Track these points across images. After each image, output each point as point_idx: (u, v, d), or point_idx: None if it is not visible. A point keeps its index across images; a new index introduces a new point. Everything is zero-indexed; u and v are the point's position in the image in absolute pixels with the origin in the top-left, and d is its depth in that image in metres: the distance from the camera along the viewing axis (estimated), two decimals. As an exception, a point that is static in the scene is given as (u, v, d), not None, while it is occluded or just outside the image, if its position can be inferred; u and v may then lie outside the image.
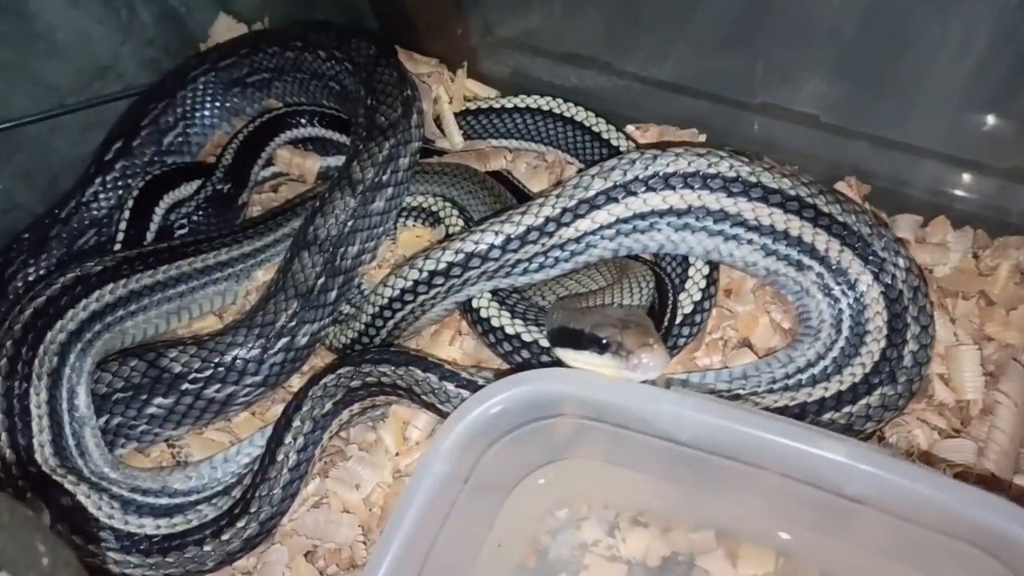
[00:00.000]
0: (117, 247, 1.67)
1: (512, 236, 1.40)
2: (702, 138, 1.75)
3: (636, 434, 1.16)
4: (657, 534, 1.33)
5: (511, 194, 1.71)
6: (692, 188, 1.40)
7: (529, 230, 1.40)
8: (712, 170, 1.39)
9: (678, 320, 1.43)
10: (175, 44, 2.16)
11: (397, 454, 1.47)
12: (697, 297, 1.46)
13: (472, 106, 1.88)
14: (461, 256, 1.40)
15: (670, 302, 1.40)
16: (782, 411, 1.31)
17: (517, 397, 1.15)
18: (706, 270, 1.49)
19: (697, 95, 1.73)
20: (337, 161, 1.89)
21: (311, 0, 2.04)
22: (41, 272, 1.79)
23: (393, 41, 1.94)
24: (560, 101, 1.79)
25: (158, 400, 1.47)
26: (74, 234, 1.82)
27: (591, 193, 1.40)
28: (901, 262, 1.38)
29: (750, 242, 1.43)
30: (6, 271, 1.77)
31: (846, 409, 1.30)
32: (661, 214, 1.42)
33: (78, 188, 1.85)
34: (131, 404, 1.46)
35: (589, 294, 1.38)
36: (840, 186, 1.62)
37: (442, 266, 1.41)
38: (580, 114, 1.76)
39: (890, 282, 1.38)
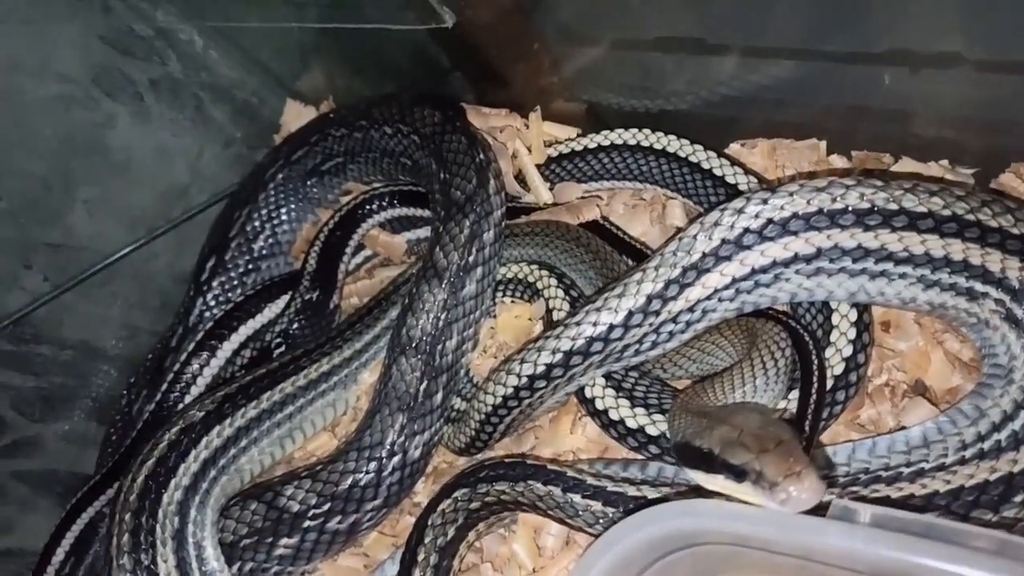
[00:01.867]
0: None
1: (614, 324, 1.22)
2: (823, 145, 1.49)
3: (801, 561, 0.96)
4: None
5: (610, 246, 1.54)
6: (818, 229, 1.17)
7: (631, 313, 1.22)
8: (839, 204, 1.15)
9: (829, 385, 1.20)
10: (253, 137, 2.14)
11: (534, 570, 1.34)
12: (848, 352, 1.22)
13: (554, 152, 1.71)
14: (560, 356, 1.25)
15: (816, 369, 1.17)
16: (983, 489, 1.06)
17: (653, 536, 0.99)
18: (853, 315, 1.25)
19: (808, 90, 1.48)
20: (423, 232, 1.79)
21: (371, 74, 1.94)
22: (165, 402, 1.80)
23: (457, 98, 1.80)
24: (647, 132, 1.59)
25: (284, 541, 1.42)
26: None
27: (695, 257, 1.20)
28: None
29: (903, 276, 1.18)
30: (133, 407, 1.81)
31: (1066, 478, 1.04)
32: (786, 264, 1.20)
33: (183, 315, 1.85)
34: (259, 549, 1.42)
35: (715, 382, 1.18)
36: (1007, 178, 1.32)
37: (540, 369, 1.26)
38: (672, 144, 1.56)
39: (1098, 299, 1.09)
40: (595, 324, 1.23)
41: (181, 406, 1.67)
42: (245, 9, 1.84)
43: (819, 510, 0.95)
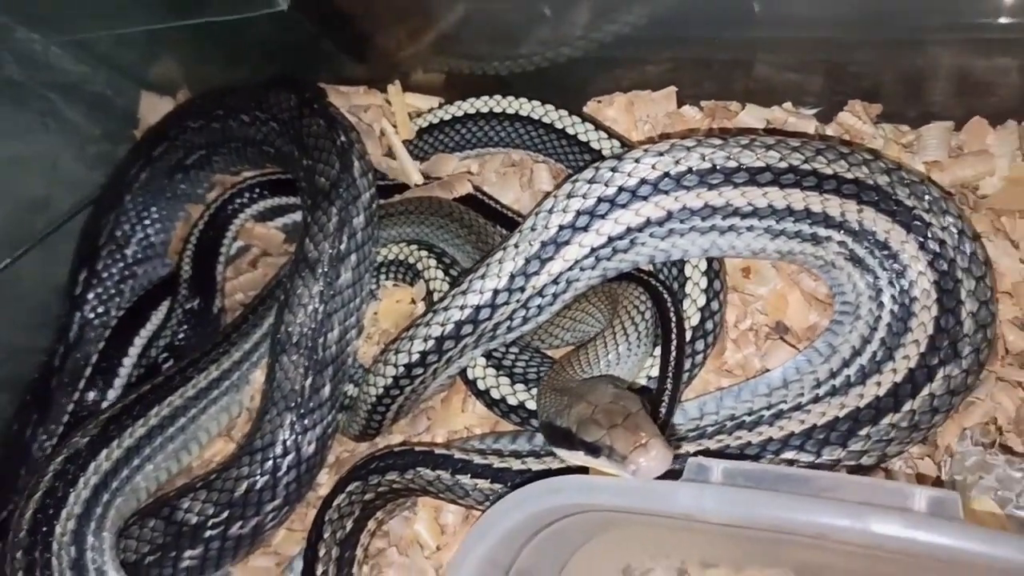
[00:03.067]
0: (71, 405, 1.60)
1: (481, 305, 1.23)
2: (674, 97, 1.50)
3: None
4: (731, 571, 1.21)
5: (484, 218, 1.53)
6: (666, 192, 1.19)
7: (496, 292, 1.23)
8: (681, 167, 1.18)
9: (688, 336, 1.25)
10: (112, 133, 2.03)
11: (437, 548, 1.38)
12: (702, 301, 1.27)
13: (423, 122, 1.68)
14: (432, 342, 1.26)
15: (674, 322, 1.21)
16: (833, 426, 1.13)
17: (525, 516, 1.03)
18: (703, 265, 1.29)
19: (659, 40, 1.48)
20: (299, 216, 1.76)
21: (224, 59, 1.85)
22: (56, 425, 1.75)
23: (314, 79, 1.74)
24: (504, 98, 1.59)
25: (188, 553, 1.42)
26: (75, 377, 1.77)
27: (552, 231, 1.21)
28: (927, 201, 1.15)
29: (750, 229, 1.22)
30: (24, 434, 1.75)
31: (907, 407, 1.11)
32: (640, 228, 1.22)
33: (62, 332, 1.78)
34: (164, 564, 1.42)
35: (579, 354, 1.21)
36: (844, 116, 1.36)
37: (415, 357, 1.27)
38: (525, 107, 1.56)
39: (926, 233, 1.15)
40: (462, 307, 1.24)
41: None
42: (74, 14, 1.72)
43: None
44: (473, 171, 1.68)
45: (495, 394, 1.32)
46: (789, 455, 1.13)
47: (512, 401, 1.31)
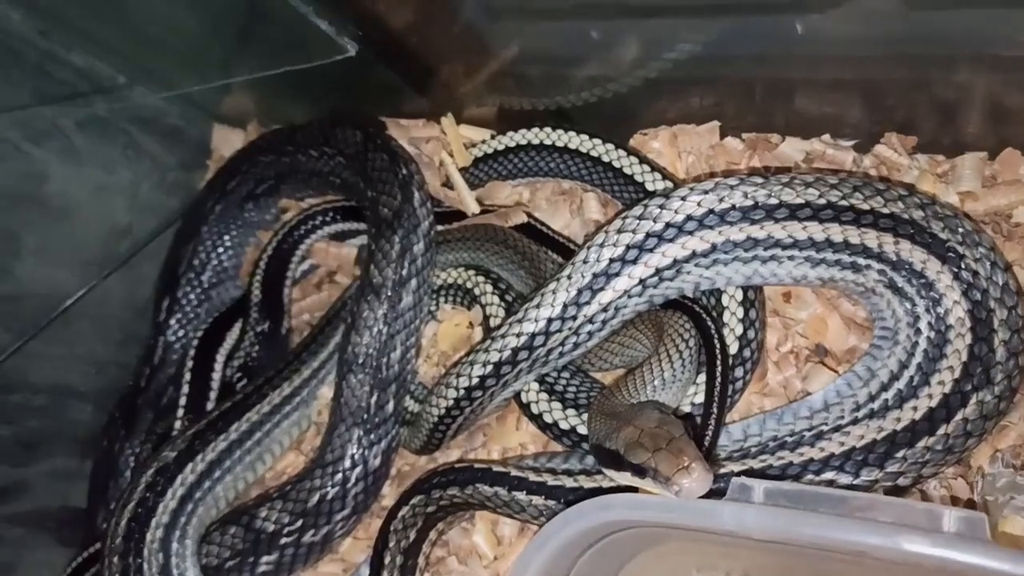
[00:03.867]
0: (178, 423, 1.72)
1: (536, 332, 1.33)
2: (715, 127, 1.57)
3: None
4: (774, 582, 1.28)
5: (536, 244, 1.63)
6: (710, 227, 1.27)
7: (550, 321, 1.32)
8: (725, 204, 1.25)
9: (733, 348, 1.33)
10: (187, 162, 2.18)
11: (495, 558, 1.48)
12: (739, 330, 1.34)
13: (477, 152, 1.79)
14: (491, 367, 1.35)
15: (718, 351, 1.29)
16: (871, 448, 1.19)
17: (579, 531, 1.12)
18: (739, 295, 1.36)
19: (704, 77, 1.55)
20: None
21: (293, 93, 1.98)
22: (142, 440, 1.89)
23: (376, 113, 1.86)
24: (553, 131, 1.68)
25: (264, 558, 1.53)
26: (157, 396, 1.91)
27: (603, 264, 1.30)
28: (961, 234, 1.21)
29: (791, 258, 1.29)
30: (113, 448, 1.90)
31: (941, 431, 1.17)
32: (686, 260, 1.30)
33: (148, 355, 1.92)
34: (243, 569, 1.54)
35: (627, 379, 1.29)
36: (880, 148, 1.42)
37: (475, 380, 1.38)
38: (573, 140, 1.64)
39: (960, 265, 1.20)
40: (519, 335, 1.33)
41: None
42: (159, 64, 1.87)
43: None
44: (524, 198, 1.78)
45: (547, 418, 1.42)
46: (829, 475, 1.20)
47: (564, 425, 1.40)
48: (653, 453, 1.06)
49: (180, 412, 1.73)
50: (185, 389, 1.73)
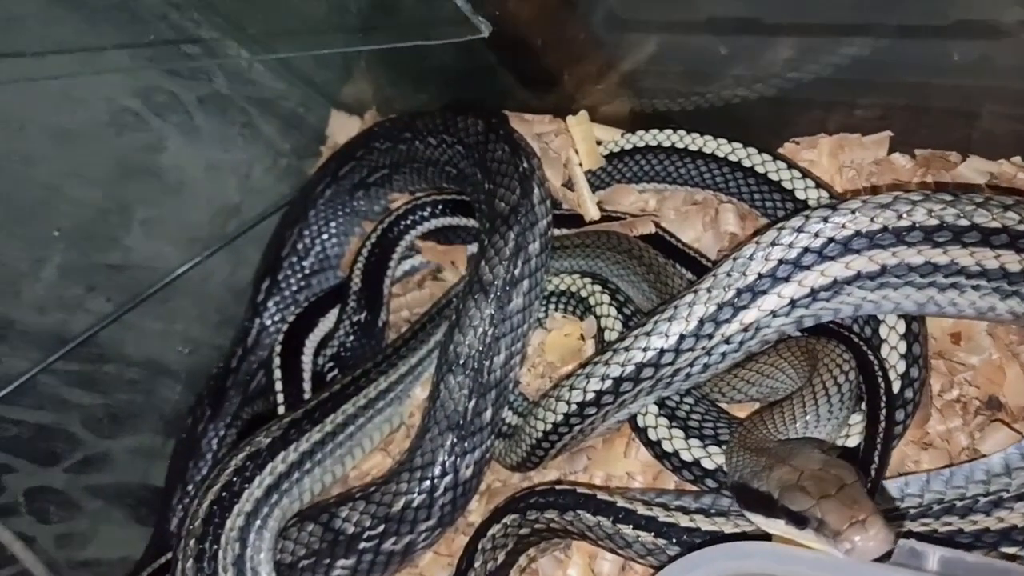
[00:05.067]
0: (280, 409, 1.65)
1: (665, 348, 1.18)
2: (885, 138, 1.40)
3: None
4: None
5: (664, 256, 1.48)
6: (883, 247, 1.10)
7: (683, 337, 1.17)
8: (905, 222, 1.08)
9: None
10: (300, 148, 2.15)
11: (589, 596, 1.32)
12: (901, 367, 1.15)
13: (603, 151, 1.66)
14: (609, 383, 1.21)
15: (882, 384, 1.11)
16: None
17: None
18: (902, 326, 1.18)
19: (867, 79, 1.39)
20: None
21: (414, 82, 1.92)
22: (228, 421, 1.84)
23: (500, 105, 1.76)
24: (696, 136, 1.54)
25: (340, 562, 1.43)
26: (247, 379, 1.86)
27: (751, 278, 1.14)
28: None
29: (976, 288, 1.10)
30: (197, 428, 1.85)
31: None
32: (848, 281, 1.13)
33: (241, 335, 1.88)
34: (317, 570, 1.44)
35: (774, 411, 1.13)
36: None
37: (590, 396, 1.23)
38: (722, 147, 1.49)
39: None
40: (645, 349, 1.19)
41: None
42: (285, 35, 1.83)
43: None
44: (651, 206, 1.64)
45: (667, 447, 1.27)
46: (1009, 550, 1.00)
47: (686, 457, 1.24)
48: (819, 500, 0.89)
49: (280, 397, 1.64)
50: (278, 375, 1.64)
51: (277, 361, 1.66)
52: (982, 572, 0.87)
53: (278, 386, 1.64)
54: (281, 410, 1.64)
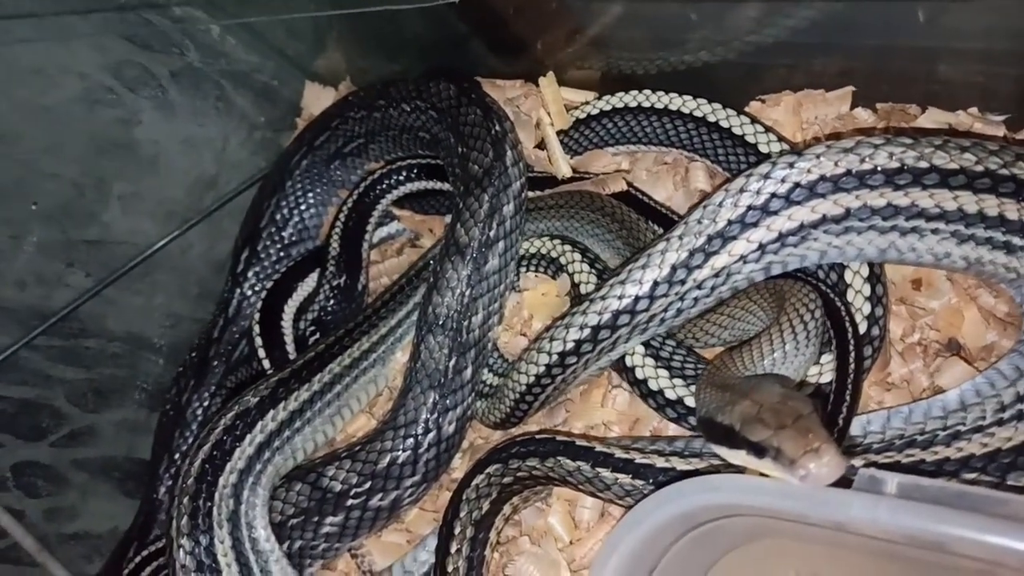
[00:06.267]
0: (268, 369, 1.67)
1: (640, 295, 1.22)
2: (848, 93, 1.44)
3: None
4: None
5: (636, 213, 1.52)
6: (847, 190, 1.14)
7: (656, 284, 1.21)
8: (867, 165, 1.12)
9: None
10: (276, 121, 2.15)
11: (571, 542, 1.37)
12: (867, 309, 1.20)
13: (579, 113, 1.69)
14: (588, 331, 1.25)
15: (850, 332, 1.15)
16: (1020, 451, 1.04)
17: (678, 513, 1.00)
18: (865, 270, 1.23)
19: (830, 36, 1.42)
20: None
21: (386, 52, 1.92)
22: (212, 391, 1.85)
23: (473, 71, 1.78)
24: (665, 94, 1.56)
25: (329, 519, 1.46)
26: (230, 349, 1.87)
27: (721, 224, 1.18)
28: None
29: (935, 232, 1.15)
30: (181, 398, 1.86)
31: (1109, 436, 1.01)
32: (814, 225, 1.17)
33: (223, 306, 1.89)
34: (306, 527, 1.47)
35: (743, 350, 1.17)
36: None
37: (570, 345, 1.27)
38: (688, 104, 1.52)
39: None
40: (620, 297, 1.23)
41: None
42: (255, 2, 1.83)
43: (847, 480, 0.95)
44: (623, 168, 1.67)
45: (653, 385, 1.31)
46: (968, 477, 1.05)
47: (671, 395, 1.29)
48: (776, 431, 0.93)
49: (265, 363, 1.66)
50: (259, 342, 1.66)
51: (257, 329, 1.67)
52: (938, 494, 0.91)
53: (261, 352, 1.65)
54: (267, 364, 1.66)
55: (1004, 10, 1.24)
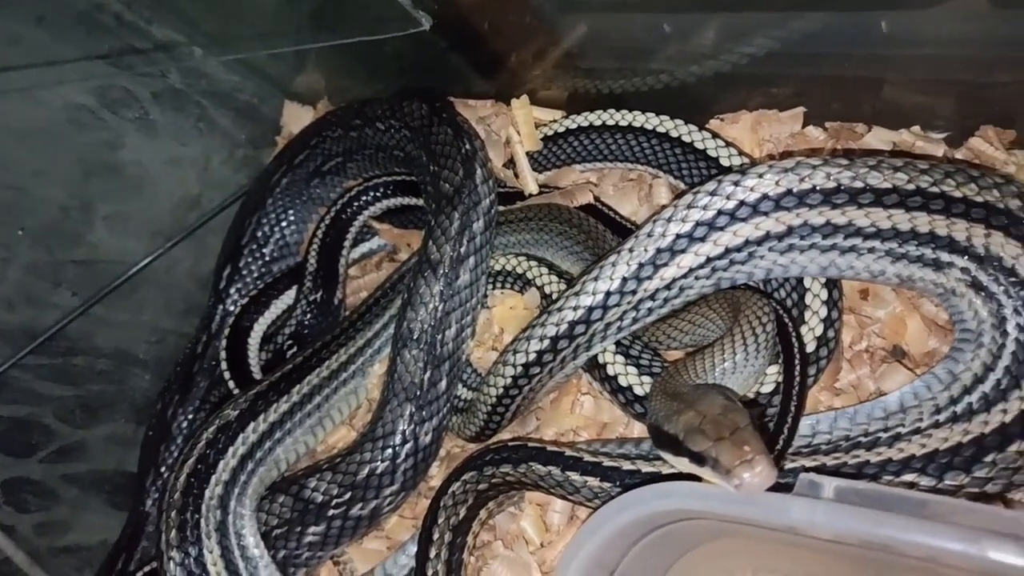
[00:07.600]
0: (230, 384, 1.73)
1: (593, 306, 1.29)
2: (799, 113, 1.51)
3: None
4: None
5: (605, 226, 1.58)
6: (787, 209, 1.21)
7: (608, 295, 1.28)
8: (806, 185, 1.19)
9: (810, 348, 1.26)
10: (256, 139, 2.21)
11: (542, 545, 1.43)
12: (819, 330, 1.28)
13: (548, 131, 1.76)
14: (548, 342, 1.32)
15: (796, 344, 1.22)
16: (956, 451, 1.11)
17: (634, 518, 1.07)
18: (824, 293, 1.31)
19: (787, 60, 1.49)
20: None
21: (364, 72, 1.98)
22: (196, 405, 1.91)
23: (446, 92, 1.85)
24: (618, 112, 1.63)
25: (311, 529, 1.52)
26: (213, 364, 1.92)
27: (669, 238, 1.25)
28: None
29: (872, 251, 1.22)
30: (167, 413, 1.92)
31: (1032, 436, 1.09)
32: (759, 242, 1.24)
33: (206, 322, 1.94)
34: (290, 537, 1.53)
35: (695, 359, 1.24)
36: (976, 141, 1.34)
37: (532, 356, 1.34)
38: (640, 118, 1.60)
39: (1062, 261, 1.12)
40: (575, 308, 1.29)
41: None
42: (235, 32, 1.89)
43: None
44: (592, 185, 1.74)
45: (622, 381, 1.38)
46: (909, 478, 1.12)
47: (639, 391, 1.36)
48: (715, 442, 1.00)
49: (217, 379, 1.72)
50: (223, 355, 1.72)
51: (224, 354, 1.73)
52: (872, 497, 0.98)
53: (227, 374, 1.71)
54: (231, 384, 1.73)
55: (949, 24, 1.31)
